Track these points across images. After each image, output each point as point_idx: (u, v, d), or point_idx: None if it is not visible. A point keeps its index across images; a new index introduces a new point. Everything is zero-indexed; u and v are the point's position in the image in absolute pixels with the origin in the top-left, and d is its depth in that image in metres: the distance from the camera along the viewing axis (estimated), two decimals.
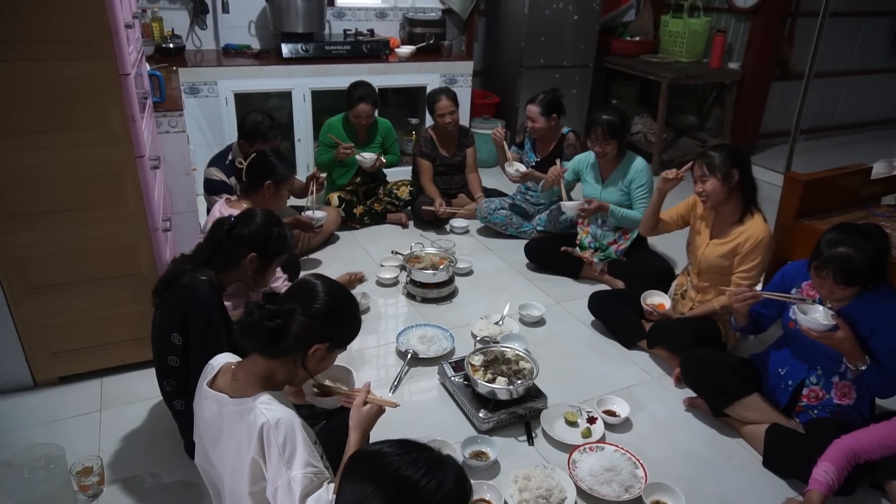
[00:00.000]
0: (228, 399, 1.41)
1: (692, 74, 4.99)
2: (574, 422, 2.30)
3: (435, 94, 3.85)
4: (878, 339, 1.99)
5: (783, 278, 2.26)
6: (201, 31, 4.43)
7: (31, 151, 2.06)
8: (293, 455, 1.33)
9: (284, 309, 1.44)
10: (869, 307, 2.00)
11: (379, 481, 1.02)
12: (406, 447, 1.07)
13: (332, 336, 1.48)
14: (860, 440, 1.85)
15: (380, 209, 3.94)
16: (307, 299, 1.46)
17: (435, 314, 3.02)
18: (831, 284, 1.96)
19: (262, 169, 2.53)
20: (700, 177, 2.48)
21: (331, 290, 1.50)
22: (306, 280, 1.52)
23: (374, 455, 1.06)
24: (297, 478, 1.31)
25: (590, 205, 3.14)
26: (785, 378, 2.25)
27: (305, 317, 1.43)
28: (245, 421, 1.36)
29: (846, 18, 5.54)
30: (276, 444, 1.33)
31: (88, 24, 1.96)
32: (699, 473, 2.14)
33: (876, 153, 4.05)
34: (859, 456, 1.84)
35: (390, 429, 1.99)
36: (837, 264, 1.92)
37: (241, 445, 1.36)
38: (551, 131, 3.59)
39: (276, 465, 1.32)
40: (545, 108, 3.48)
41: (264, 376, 1.45)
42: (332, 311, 1.46)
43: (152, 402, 2.33)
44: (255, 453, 1.34)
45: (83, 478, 1.92)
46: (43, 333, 2.32)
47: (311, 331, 1.44)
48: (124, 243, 2.30)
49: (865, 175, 3.03)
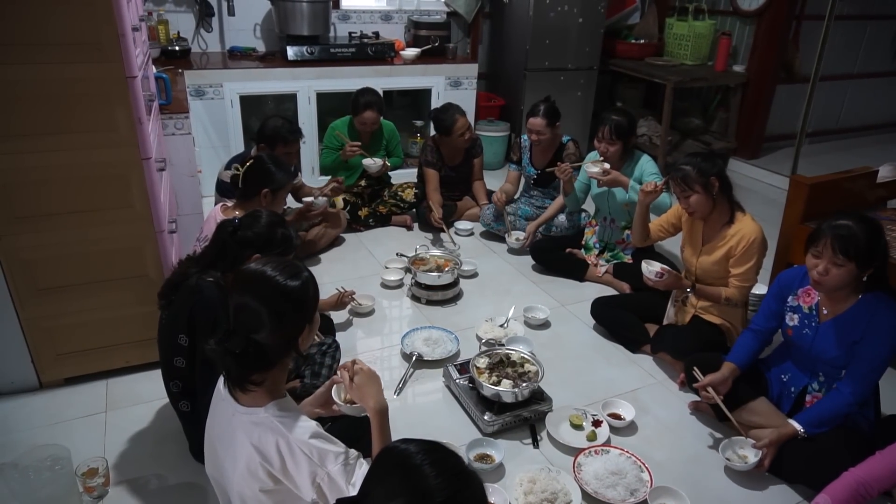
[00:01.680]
0: (238, 406, 1.40)
1: (697, 77, 4.99)
2: (579, 425, 2.30)
3: (448, 117, 3.72)
4: (865, 345, 1.99)
5: (780, 285, 2.25)
6: (207, 33, 4.45)
7: (38, 153, 2.07)
8: (323, 454, 1.34)
9: (243, 330, 1.36)
10: (865, 312, 2.00)
11: (405, 481, 1.03)
12: (436, 455, 1.07)
13: (309, 313, 1.44)
14: (869, 470, 1.73)
15: (385, 211, 3.94)
16: (266, 302, 1.37)
17: (440, 316, 3.02)
18: (828, 259, 1.92)
19: (259, 176, 2.48)
20: (681, 193, 2.46)
21: (276, 272, 1.40)
22: (243, 282, 1.42)
23: (401, 455, 1.07)
24: (335, 471, 1.33)
25: (607, 174, 3.06)
26: (787, 385, 2.24)
27: (280, 319, 1.37)
28: (259, 434, 1.36)
29: (851, 22, 5.52)
30: (300, 452, 1.33)
31: (96, 27, 1.97)
32: (704, 477, 2.13)
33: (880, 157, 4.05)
34: (870, 486, 1.71)
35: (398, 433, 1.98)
36: (836, 231, 1.91)
37: (253, 455, 1.36)
38: (553, 140, 3.59)
39: (310, 469, 1.33)
40: (550, 117, 3.48)
41: (269, 383, 1.41)
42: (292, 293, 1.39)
43: (158, 404, 2.33)
44: (275, 466, 1.34)
45: (88, 479, 1.92)
46: (48, 335, 2.32)
47: (291, 327, 1.41)
48: (130, 245, 2.31)
49: (871, 179, 3.03)
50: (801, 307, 2.16)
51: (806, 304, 2.15)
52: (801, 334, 2.15)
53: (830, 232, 1.93)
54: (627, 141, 3.12)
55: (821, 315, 2.10)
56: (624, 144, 3.12)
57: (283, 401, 1.43)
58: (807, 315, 2.14)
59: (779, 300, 2.23)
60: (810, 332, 2.12)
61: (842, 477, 1.75)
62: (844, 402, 2.01)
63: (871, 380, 2.01)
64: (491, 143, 4.88)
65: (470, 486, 1.05)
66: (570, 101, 5.11)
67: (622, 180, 3.08)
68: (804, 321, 2.14)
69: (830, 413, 2.03)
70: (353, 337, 2.85)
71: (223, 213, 2.46)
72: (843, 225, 1.92)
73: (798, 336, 2.16)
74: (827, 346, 2.07)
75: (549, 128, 3.48)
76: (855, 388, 2.00)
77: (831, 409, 2.04)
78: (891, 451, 1.76)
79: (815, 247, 1.97)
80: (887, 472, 1.72)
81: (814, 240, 1.98)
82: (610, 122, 3.08)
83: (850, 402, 2.01)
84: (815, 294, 2.12)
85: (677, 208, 2.71)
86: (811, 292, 2.14)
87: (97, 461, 1.96)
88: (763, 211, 4.03)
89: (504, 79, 5.27)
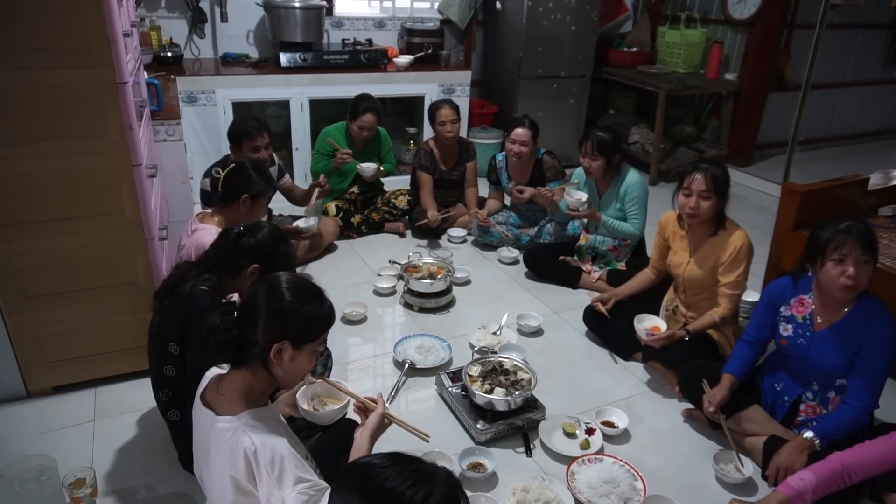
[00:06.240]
0: (215, 417, 1.39)
1: (689, 85, 5.01)
2: (572, 433, 2.29)
3: (437, 103, 3.85)
4: (864, 354, 1.99)
5: (771, 296, 2.24)
6: (200, 39, 4.44)
7: (27, 160, 2.05)
8: (282, 475, 1.31)
9: (243, 315, 1.40)
10: (861, 320, 2.00)
11: (364, 493, 1.00)
12: (395, 459, 1.04)
13: (291, 331, 1.39)
14: (855, 455, 1.78)
15: (378, 218, 3.93)
16: (262, 297, 1.40)
17: (432, 324, 3.01)
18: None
19: (238, 181, 2.43)
20: (702, 192, 2.41)
21: (286, 283, 1.43)
22: (264, 278, 1.48)
23: (362, 467, 1.05)
24: (290, 498, 1.29)
25: (586, 207, 3.16)
26: (781, 394, 2.24)
27: (262, 316, 1.37)
28: (230, 441, 1.34)
29: (842, 30, 5.58)
30: (264, 465, 1.31)
31: (86, 32, 1.96)
32: (698, 486, 2.12)
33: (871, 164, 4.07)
34: (852, 471, 1.76)
35: (389, 442, 1.96)
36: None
37: (224, 464, 1.34)
38: (531, 156, 3.59)
39: (268, 486, 1.31)
40: (533, 129, 3.51)
41: (245, 390, 1.41)
42: (285, 303, 1.39)
43: (146, 413, 2.31)
44: (242, 475, 1.32)
45: (75, 490, 1.89)
46: (37, 343, 2.30)
47: (269, 330, 1.37)
48: (120, 252, 2.29)
49: (862, 186, 3.04)
50: (794, 317, 2.15)
51: (800, 313, 2.14)
52: (796, 344, 2.14)
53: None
54: (611, 157, 3.14)
55: (815, 324, 2.10)
56: (608, 160, 3.13)
57: (261, 411, 1.41)
58: (801, 325, 2.13)
59: (771, 310, 2.22)
60: (805, 341, 2.12)
61: (828, 458, 1.79)
62: (854, 416, 2.00)
63: (875, 389, 2.00)
64: (484, 150, 4.87)
65: (435, 487, 1.01)
66: (563, 108, 5.12)
67: (596, 217, 3.20)
68: (798, 331, 2.14)
69: (844, 425, 2.01)
70: (345, 345, 2.83)
71: (199, 220, 2.42)
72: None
73: (792, 346, 2.15)
74: (823, 356, 2.07)
75: (532, 139, 3.50)
76: (863, 400, 2.00)
77: (843, 422, 2.01)
78: (881, 442, 1.80)
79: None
80: (871, 460, 1.76)
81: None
82: (593, 137, 3.10)
83: (859, 414, 1.99)
84: (809, 303, 2.12)
85: (659, 230, 2.71)
86: (805, 301, 2.14)
87: (85, 471, 1.93)
88: (755, 218, 4.05)
89: (497, 86, 5.28)
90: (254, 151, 3.07)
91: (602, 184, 3.27)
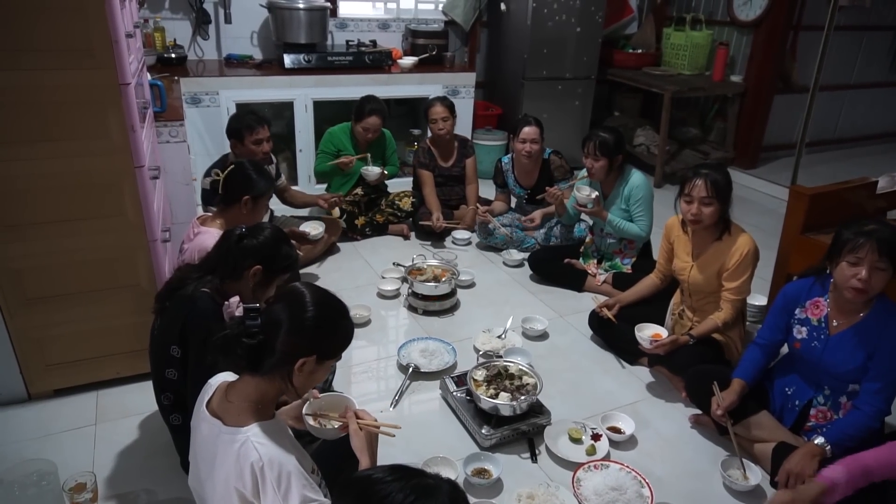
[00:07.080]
0: (223, 427, 1.37)
1: (695, 87, 4.99)
2: (578, 439, 2.26)
3: (430, 101, 3.86)
4: (878, 359, 1.96)
5: (786, 299, 2.21)
6: (203, 41, 4.42)
7: (28, 161, 2.03)
8: (288, 493, 1.29)
9: (267, 322, 1.38)
10: (875, 324, 1.97)
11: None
12: (397, 473, 1.01)
13: (321, 347, 1.41)
14: (877, 457, 1.76)
15: (382, 220, 3.91)
16: (293, 309, 1.39)
17: (437, 327, 2.99)
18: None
19: (239, 182, 2.39)
20: (703, 198, 2.39)
21: (318, 297, 1.43)
22: (293, 288, 1.46)
23: (363, 481, 1.02)
24: None
25: (593, 205, 3.15)
26: (792, 398, 2.21)
27: (290, 328, 1.37)
28: (237, 453, 1.32)
29: (848, 32, 5.54)
30: (270, 481, 1.29)
31: (88, 33, 1.94)
32: (706, 493, 2.10)
33: (878, 167, 4.04)
34: (873, 472, 1.74)
35: (393, 446, 1.95)
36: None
37: (229, 477, 1.32)
38: (540, 155, 3.58)
39: (272, 502, 1.29)
40: (540, 126, 3.50)
41: (256, 399, 1.39)
42: (319, 320, 1.39)
43: (148, 417, 2.29)
44: (247, 489, 1.30)
45: (76, 494, 1.86)
46: (38, 345, 2.28)
47: (297, 343, 1.37)
48: (122, 254, 2.27)
49: (871, 189, 3.00)
50: (809, 319, 2.13)
51: (815, 316, 2.11)
52: (810, 347, 2.11)
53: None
54: (614, 158, 3.12)
55: (830, 327, 2.07)
56: (610, 161, 3.11)
57: (269, 423, 1.39)
58: (815, 327, 2.11)
59: (785, 313, 2.19)
60: (819, 344, 2.09)
61: (852, 456, 1.76)
62: (866, 422, 1.97)
63: (888, 395, 1.97)
64: (488, 151, 4.86)
65: (440, 500, 0.98)
66: (567, 110, 5.10)
67: (602, 215, 3.19)
68: (813, 334, 2.11)
69: (856, 431, 1.98)
70: (348, 348, 2.80)
71: (200, 223, 2.39)
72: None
73: (806, 349, 2.12)
74: (837, 360, 2.04)
75: (541, 137, 3.49)
76: (875, 405, 1.97)
77: (855, 427, 1.98)
78: None
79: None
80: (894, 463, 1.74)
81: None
82: (595, 138, 3.09)
83: (871, 420, 1.97)
84: (825, 306, 2.09)
85: (665, 234, 2.69)
86: (820, 304, 2.11)
87: (85, 476, 1.91)
88: (761, 221, 4.02)
89: (502, 88, 5.27)
90: (256, 144, 3.06)
91: (606, 185, 3.25)
